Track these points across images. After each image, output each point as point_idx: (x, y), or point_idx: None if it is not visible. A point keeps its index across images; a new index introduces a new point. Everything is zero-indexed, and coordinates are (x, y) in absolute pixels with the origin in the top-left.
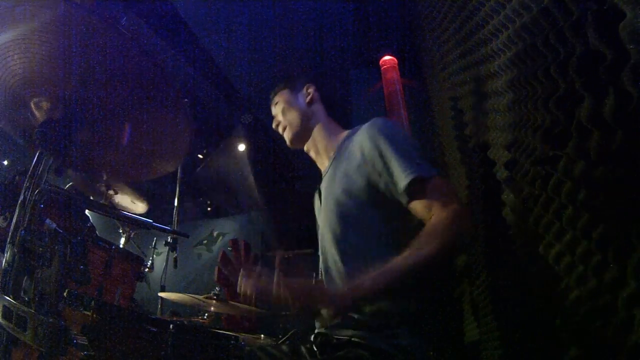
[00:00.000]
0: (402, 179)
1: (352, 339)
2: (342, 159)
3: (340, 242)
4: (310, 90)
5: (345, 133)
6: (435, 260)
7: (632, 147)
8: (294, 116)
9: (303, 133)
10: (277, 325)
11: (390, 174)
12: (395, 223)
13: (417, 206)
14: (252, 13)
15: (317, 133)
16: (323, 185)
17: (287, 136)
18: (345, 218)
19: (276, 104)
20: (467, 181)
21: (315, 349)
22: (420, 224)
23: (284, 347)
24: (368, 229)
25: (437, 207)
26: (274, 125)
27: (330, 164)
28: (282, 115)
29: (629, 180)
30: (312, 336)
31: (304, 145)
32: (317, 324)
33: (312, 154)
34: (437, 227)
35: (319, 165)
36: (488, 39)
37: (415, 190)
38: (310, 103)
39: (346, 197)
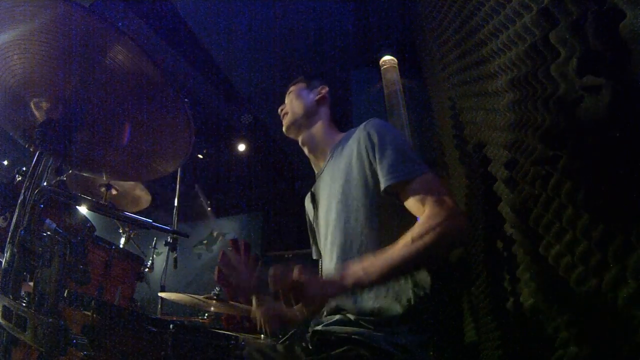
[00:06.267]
0: (384, 180)
1: (352, 336)
2: (338, 159)
3: (348, 242)
4: (324, 91)
5: (341, 135)
6: (429, 253)
7: (632, 147)
8: (299, 105)
9: (301, 124)
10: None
11: (381, 173)
12: (399, 216)
13: (410, 204)
14: (252, 13)
15: (317, 131)
16: (318, 188)
17: (285, 121)
18: (349, 213)
19: (289, 92)
20: (467, 181)
21: (311, 348)
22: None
23: (281, 347)
24: (373, 222)
25: (429, 203)
26: (279, 110)
27: (326, 165)
28: (289, 102)
29: (629, 180)
30: (309, 334)
31: (298, 135)
32: (312, 322)
33: (306, 150)
34: (429, 221)
35: (312, 164)
36: (488, 39)
37: (405, 190)
38: (319, 102)
39: (348, 191)
